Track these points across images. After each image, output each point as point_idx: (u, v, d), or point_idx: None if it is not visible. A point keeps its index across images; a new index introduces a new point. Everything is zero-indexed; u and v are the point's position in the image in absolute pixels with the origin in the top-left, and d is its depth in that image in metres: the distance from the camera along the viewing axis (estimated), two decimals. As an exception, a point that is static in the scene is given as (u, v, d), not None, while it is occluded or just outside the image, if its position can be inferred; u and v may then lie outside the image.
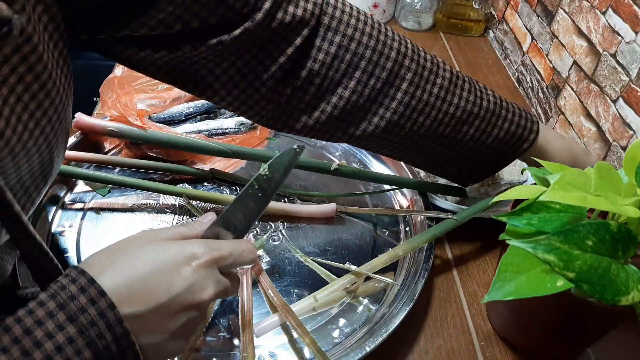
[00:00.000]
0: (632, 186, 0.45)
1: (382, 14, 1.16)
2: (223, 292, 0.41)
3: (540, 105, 0.95)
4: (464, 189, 0.70)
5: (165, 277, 0.37)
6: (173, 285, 0.37)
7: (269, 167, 0.46)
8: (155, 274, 0.36)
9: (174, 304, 0.36)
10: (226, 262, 0.41)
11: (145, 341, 0.35)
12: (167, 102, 0.80)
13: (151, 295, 0.36)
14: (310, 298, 0.57)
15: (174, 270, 0.37)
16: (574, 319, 0.50)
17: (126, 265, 0.36)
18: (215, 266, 0.40)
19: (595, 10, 0.80)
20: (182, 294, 0.37)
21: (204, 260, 0.39)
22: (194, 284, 0.38)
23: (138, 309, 0.35)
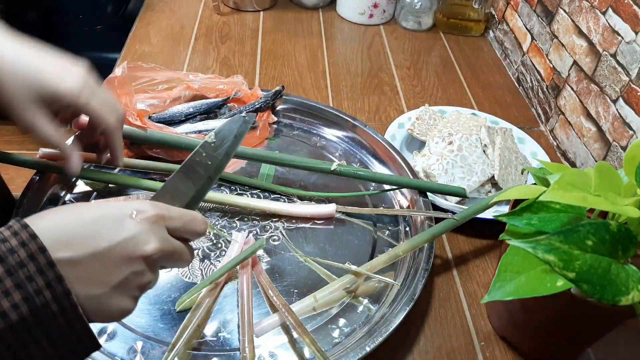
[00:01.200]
0: (632, 186, 0.45)
1: (382, 14, 1.16)
2: (170, 251, 0.39)
3: (540, 105, 0.95)
4: (464, 189, 0.70)
5: (106, 225, 0.35)
6: (114, 233, 0.35)
7: (216, 135, 0.45)
8: (96, 222, 0.35)
9: (114, 252, 0.35)
10: (174, 223, 0.39)
11: (83, 291, 0.34)
12: (167, 102, 0.80)
13: (89, 241, 0.34)
14: (311, 298, 0.57)
15: (116, 221, 0.36)
16: (574, 319, 0.50)
17: (67, 213, 0.35)
18: (161, 223, 0.38)
19: (595, 10, 0.80)
20: (123, 243, 0.35)
21: (149, 214, 0.37)
22: (136, 235, 0.36)
23: (73, 254, 0.33)
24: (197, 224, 0.41)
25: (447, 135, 0.76)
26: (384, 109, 0.93)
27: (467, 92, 1.00)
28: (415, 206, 0.70)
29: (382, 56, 1.07)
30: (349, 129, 0.81)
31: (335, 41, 1.11)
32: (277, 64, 1.01)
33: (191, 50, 1.03)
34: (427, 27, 1.17)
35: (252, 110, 0.81)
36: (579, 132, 0.83)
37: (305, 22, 1.16)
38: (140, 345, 0.53)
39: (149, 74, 0.82)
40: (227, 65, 0.99)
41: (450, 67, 1.06)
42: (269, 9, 1.19)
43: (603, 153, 0.76)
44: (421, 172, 0.74)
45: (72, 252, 0.33)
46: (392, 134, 0.81)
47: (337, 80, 0.99)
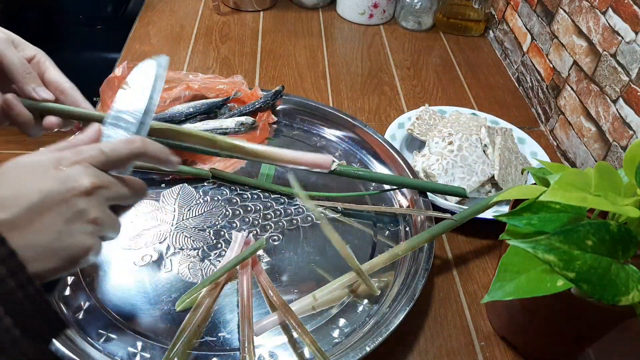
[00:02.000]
0: (632, 186, 0.45)
1: (382, 14, 1.16)
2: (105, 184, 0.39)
3: (540, 105, 0.95)
4: (464, 189, 0.70)
5: (33, 179, 0.36)
6: (42, 183, 0.36)
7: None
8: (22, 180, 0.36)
9: (48, 200, 0.36)
10: (98, 158, 0.39)
11: (29, 242, 0.35)
12: (167, 102, 0.80)
13: (21, 198, 0.35)
14: (310, 297, 0.57)
15: (41, 172, 0.37)
16: (574, 319, 0.50)
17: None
18: (87, 163, 0.39)
19: (595, 10, 0.80)
20: (55, 188, 0.36)
21: (72, 159, 0.38)
22: (65, 178, 0.37)
23: (9, 214, 0.34)
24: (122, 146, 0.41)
25: (447, 135, 0.76)
26: (384, 109, 0.93)
27: (467, 92, 1.00)
28: (415, 206, 0.70)
29: (382, 56, 1.07)
30: (349, 129, 0.81)
31: (335, 41, 1.11)
32: (277, 64, 1.01)
33: (191, 50, 1.03)
34: (427, 27, 1.17)
35: (252, 110, 0.81)
36: (579, 132, 0.83)
37: (305, 22, 1.16)
38: (140, 345, 0.53)
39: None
40: (227, 65, 0.99)
41: (450, 67, 1.06)
42: (269, 9, 1.19)
43: (603, 153, 0.76)
44: (421, 172, 0.74)
45: (7, 213, 0.34)
46: (392, 134, 0.81)
47: (337, 80, 0.99)
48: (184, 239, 0.64)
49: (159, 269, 0.61)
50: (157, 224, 0.66)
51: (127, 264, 0.61)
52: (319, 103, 0.84)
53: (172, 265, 0.61)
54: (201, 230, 0.66)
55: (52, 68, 0.55)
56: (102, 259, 0.61)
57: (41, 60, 0.54)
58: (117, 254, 0.62)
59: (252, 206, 0.69)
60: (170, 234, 0.65)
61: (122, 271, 0.60)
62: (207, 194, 0.71)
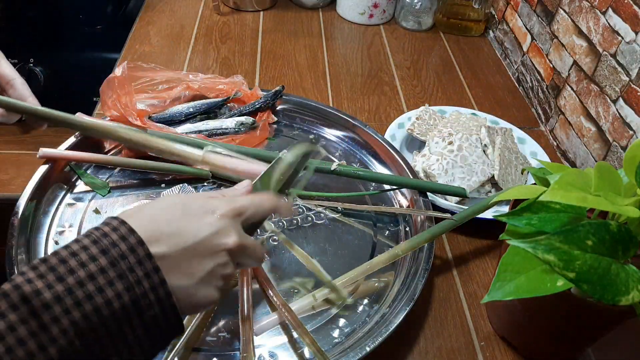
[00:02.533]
0: (632, 186, 0.45)
1: (382, 14, 1.16)
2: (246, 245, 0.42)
3: (540, 105, 0.95)
4: (464, 189, 0.70)
5: (190, 222, 0.39)
6: (198, 230, 0.39)
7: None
8: (181, 220, 0.39)
9: (200, 247, 0.38)
10: (247, 212, 0.43)
11: (174, 282, 0.36)
12: (167, 102, 0.80)
13: (178, 238, 0.37)
14: (310, 297, 0.57)
15: (198, 218, 0.39)
16: (574, 319, 0.50)
17: (153, 212, 0.39)
18: (237, 217, 0.42)
19: (595, 10, 0.80)
20: (208, 238, 0.39)
21: (225, 210, 0.41)
22: (218, 230, 0.39)
23: (166, 249, 0.36)
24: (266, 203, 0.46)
25: (447, 135, 0.76)
26: (384, 109, 0.93)
27: (467, 92, 1.00)
28: (415, 206, 0.70)
29: (382, 56, 1.07)
30: (349, 129, 0.81)
31: (335, 41, 1.11)
32: (277, 64, 1.01)
33: (191, 50, 1.03)
34: (427, 27, 1.17)
35: (252, 110, 0.81)
36: (579, 132, 0.83)
37: (305, 22, 1.16)
38: (140, 345, 0.53)
39: (149, 74, 0.82)
40: (227, 65, 0.99)
41: (450, 67, 1.06)
42: (269, 9, 1.19)
43: (603, 153, 0.76)
44: (421, 172, 0.74)
45: (164, 248, 0.36)
46: (392, 134, 0.81)
47: (337, 80, 0.99)
48: (184, 239, 0.64)
49: (159, 269, 0.61)
50: (157, 224, 0.66)
51: (127, 264, 0.61)
52: (319, 103, 0.84)
53: (172, 265, 0.61)
54: (201, 230, 0.65)
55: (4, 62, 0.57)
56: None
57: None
58: (117, 254, 0.62)
59: (252, 206, 0.69)
60: (170, 234, 0.64)
61: (122, 271, 0.60)
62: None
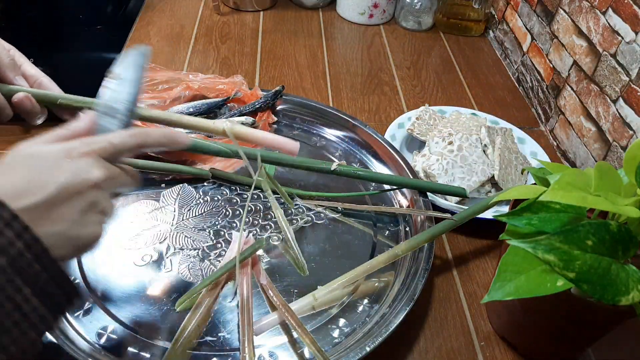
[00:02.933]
0: (632, 186, 0.45)
1: (382, 14, 1.16)
2: (113, 174, 0.41)
3: (540, 105, 0.95)
4: (464, 189, 0.70)
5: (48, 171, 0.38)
6: (57, 176, 0.38)
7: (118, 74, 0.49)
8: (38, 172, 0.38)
9: (63, 191, 0.38)
10: (107, 150, 0.41)
11: (49, 231, 0.36)
12: (167, 102, 0.80)
13: (39, 189, 0.37)
14: (310, 297, 0.57)
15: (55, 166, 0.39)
16: (574, 319, 0.50)
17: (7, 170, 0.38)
18: (95, 155, 0.41)
19: (595, 10, 0.80)
20: (69, 180, 0.38)
21: (81, 150, 0.40)
22: (77, 170, 0.39)
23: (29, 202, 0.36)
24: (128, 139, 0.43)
25: (447, 135, 0.76)
26: (384, 109, 0.93)
27: (467, 92, 1.00)
28: (415, 206, 0.70)
29: (382, 56, 1.07)
30: (349, 129, 0.81)
31: (335, 41, 1.11)
32: (277, 64, 1.01)
33: (191, 50, 1.03)
34: (427, 27, 1.17)
35: (252, 110, 0.81)
36: (579, 132, 0.83)
37: (305, 22, 1.16)
38: (140, 345, 0.53)
39: (149, 74, 0.82)
40: (227, 65, 0.99)
41: (450, 67, 1.06)
42: (269, 9, 1.19)
43: (603, 153, 0.76)
44: (421, 172, 0.74)
45: (27, 201, 0.36)
46: (392, 134, 0.81)
47: (337, 80, 0.99)
48: (184, 239, 0.64)
49: (159, 269, 0.61)
50: (157, 224, 0.66)
51: (127, 264, 0.61)
52: (319, 103, 0.84)
53: (172, 265, 0.61)
54: (201, 230, 0.66)
55: (27, 63, 0.58)
56: (102, 259, 0.61)
57: (16, 56, 0.57)
58: (117, 254, 0.62)
59: (252, 206, 0.69)
60: (170, 234, 0.65)
61: (122, 271, 0.60)
62: (207, 194, 0.71)
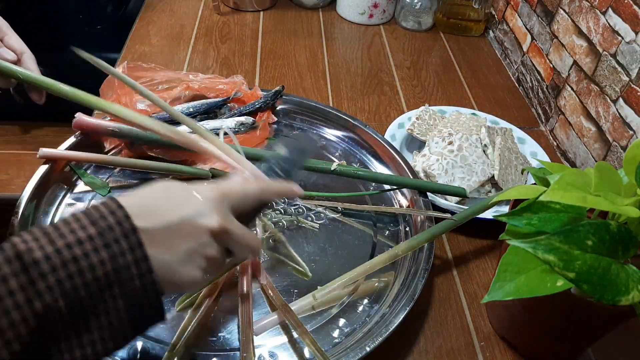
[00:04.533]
0: (632, 186, 0.45)
1: (382, 14, 1.16)
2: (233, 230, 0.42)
3: (540, 105, 0.95)
4: (464, 189, 0.70)
5: (174, 202, 0.40)
6: (182, 209, 0.40)
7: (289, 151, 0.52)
8: (166, 200, 0.40)
9: (182, 225, 0.39)
10: (233, 195, 0.44)
11: (156, 256, 0.37)
12: (167, 102, 0.80)
13: (162, 215, 0.39)
14: (310, 297, 0.57)
15: (184, 199, 0.41)
16: (574, 319, 0.50)
17: (143, 193, 0.41)
18: (222, 200, 0.43)
19: (595, 10, 0.80)
20: (191, 216, 0.40)
21: (210, 193, 0.42)
22: (201, 210, 0.41)
23: (149, 224, 0.37)
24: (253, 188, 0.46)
25: (447, 135, 0.76)
26: (384, 109, 0.93)
27: (467, 92, 1.00)
28: (415, 206, 0.70)
29: (382, 56, 1.07)
30: (349, 129, 0.81)
31: (335, 41, 1.11)
32: (277, 64, 1.01)
33: (191, 50, 1.03)
34: (427, 27, 1.17)
35: (252, 110, 0.81)
36: (579, 132, 0.83)
37: (305, 22, 1.16)
38: (140, 345, 0.53)
39: (149, 74, 0.82)
40: (227, 65, 0.99)
41: (450, 67, 1.06)
42: (269, 9, 1.19)
43: (603, 153, 0.76)
44: (421, 172, 0.74)
45: (149, 223, 0.38)
46: (392, 134, 0.81)
47: (337, 80, 0.99)
48: (184, 239, 0.64)
49: (159, 269, 0.60)
50: (157, 224, 0.66)
51: (127, 264, 0.61)
52: (319, 103, 0.84)
53: (172, 265, 0.61)
54: (201, 230, 0.65)
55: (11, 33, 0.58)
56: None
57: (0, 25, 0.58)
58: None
59: (252, 206, 0.69)
60: (170, 234, 0.64)
61: (122, 271, 0.60)
62: (207, 194, 0.71)
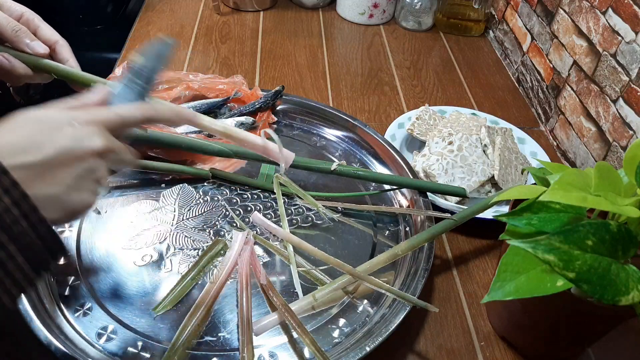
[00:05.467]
0: (632, 186, 0.45)
1: (382, 14, 1.16)
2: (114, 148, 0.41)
3: (540, 105, 0.95)
4: (464, 189, 0.70)
5: (49, 134, 0.38)
6: (58, 140, 0.38)
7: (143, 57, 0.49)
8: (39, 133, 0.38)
9: (62, 155, 0.38)
10: (113, 121, 0.42)
11: (40, 192, 0.36)
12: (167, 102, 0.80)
13: (37, 149, 0.37)
14: (310, 297, 0.57)
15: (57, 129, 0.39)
16: (574, 319, 0.50)
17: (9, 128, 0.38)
18: (100, 125, 0.41)
19: (595, 10, 0.80)
20: (68, 145, 0.38)
21: (86, 118, 0.40)
22: (78, 136, 0.39)
23: (25, 160, 0.36)
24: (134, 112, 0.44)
25: (447, 135, 0.76)
26: (384, 109, 0.93)
27: (467, 92, 1.00)
28: (415, 206, 0.70)
29: (382, 56, 1.07)
30: (349, 129, 0.81)
31: (335, 41, 1.11)
32: (277, 64, 1.01)
33: (191, 50, 1.03)
34: (427, 27, 1.17)
35: (252, 110, 0.81)
36: (579, 132, 0.83)
37: (305, 22, 1.16)
38: (140, 345, 0.53)
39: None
40: (227, 65, 0.99)
41: (450, 67, 1.06)
42: (269, 9, 1.19)
43: (603, 153, 0.76)
44: (421, 172, 0.74)
45: (24, 159, 0.36)
46: (392, 134, 0.81)
47: (337, 80, 0.99)
48: (184, 239, 0.64)
49: (159, 269, 0.61)
50: (157, 224, 0.66)
51: (127, 264, 0.61)
52: (319, 103, 0.84)
53: (172, 265, 0.61)
54: (201, 230, 0.66)
55: (43, 25, 0.59)
56: (102, 259, 0.61)
57: (30, 18, 0.57)
58: (117, 254, 0.62)
59: (252, 206, 0.69)
60: (170, 234, 0.65)
61: (122, 271, 0.60)
62: (207, 194, 0.71)
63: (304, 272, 0.61)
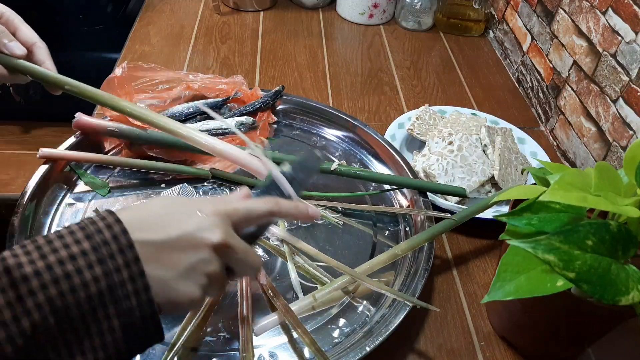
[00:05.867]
0: (632, 186, 0.45)
1: (382, 14, 1.16)
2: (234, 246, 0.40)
3: (540, 105, 0.95)
4: (464, 189, 0.70)
5: (176, 217, 0.39)
6: (183, 224, 0.39)
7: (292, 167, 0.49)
8: (167, 215, 0.39)
9: (182, 240, 0.38)
10: (238, 213, 0.42)
11: (153, 272, 0.36)
12: (167, 102, 0.80)
13: (161, 229, 0.38)
14: (310, 297, 0.57)
15: (185, 214, 0.39)
16: (574, 319, 0.50)
17: (143, 207, 0.40)
18: (226, 218, 0.41)
19: (595, 10, 0.80)
20: (191, 232, 0.38)
21: (213, 209, 0.41)
22: (203, 225, 0.39)
23: (147, 237, 0.36)
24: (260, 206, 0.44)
25: (447, 135, 0.76)
26: (384, 109, 0.93)
27: (467, 92, 1.00)
28: (415, 206, 0.70)
29: (382, 56, 1.07)
30: (349, 129, 0.81)
31: (335, 41, 1.11)
32: (277, 64, 1.01)
33: (191, 50, 1.03)
34: (427, 27, 1.17)
35: (252, 110, 0.81)
36: (579, 132, 0.83)
37: (305, 22, 1.16)
38: (140, 345, 0.53)
39: (149, 74, 0.82)
40: (227, 65, 0.99)
41: (450, 67, 1.06)
42: (269, 9, 1.19)
43: (603, 153, 0.76)
44: (421, 172, 0.74)
45: (147, 236, 0.36)
46: (392, 134, 0.81)
47: (337, 80, 0.99)
48: (184, 239, 0.64)
49: (159, 269, 0.60)
50: (157, 224, 0.66)
51: (127, 264, 0.61)
52: (319, 103, 0.84)
53: (172, 265, 0.61)
54: (201, 230, 0.65)
55: (23, 26, 0.58)
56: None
57: (10, 19, 0.57)
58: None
59: (252, 206, 0.69)
60: (170, 234, 0.64)
61: (122, 271, 0.60)
62: (207, 194, 0.71)
63: (304, 272, 0.61)
